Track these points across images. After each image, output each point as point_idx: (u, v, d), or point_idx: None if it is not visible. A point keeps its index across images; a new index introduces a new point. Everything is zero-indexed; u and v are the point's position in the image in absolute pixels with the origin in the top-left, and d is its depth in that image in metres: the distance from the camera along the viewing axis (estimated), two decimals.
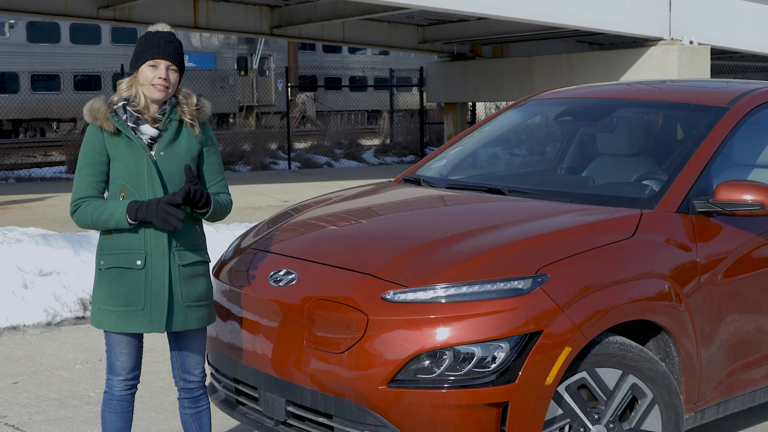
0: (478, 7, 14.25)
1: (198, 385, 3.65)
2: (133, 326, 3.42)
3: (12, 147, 22.24)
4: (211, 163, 3.55)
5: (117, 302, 3.40)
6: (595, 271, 3.53)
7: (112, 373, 3.55)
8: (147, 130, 3.40)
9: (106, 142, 3.39)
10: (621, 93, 5.22)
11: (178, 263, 3.43)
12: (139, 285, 3.39)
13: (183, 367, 3.62)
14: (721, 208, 3.91)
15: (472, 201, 4.43)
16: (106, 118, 3.38)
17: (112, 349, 3.51)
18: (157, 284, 3.40)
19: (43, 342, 6.43)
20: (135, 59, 3.42)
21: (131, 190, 3.38)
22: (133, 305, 3.39)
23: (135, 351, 3.53)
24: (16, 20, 29.84)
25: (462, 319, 3.29)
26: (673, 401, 3.65)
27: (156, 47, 3.37)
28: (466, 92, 21.55)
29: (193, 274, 3.47)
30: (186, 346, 3.58)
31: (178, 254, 3.43)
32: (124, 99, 3.42)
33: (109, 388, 3.57)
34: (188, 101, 3.48)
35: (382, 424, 3.31)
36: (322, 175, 18.99)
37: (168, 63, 3.38)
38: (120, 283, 3.40)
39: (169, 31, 3.45)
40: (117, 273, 3.40)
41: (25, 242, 7.63)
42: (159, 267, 3.40)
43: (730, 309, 3.96)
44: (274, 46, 36.57)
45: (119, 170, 3.39)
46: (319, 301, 3.53)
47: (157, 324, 3.41)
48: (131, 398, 3.58)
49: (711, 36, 16.26)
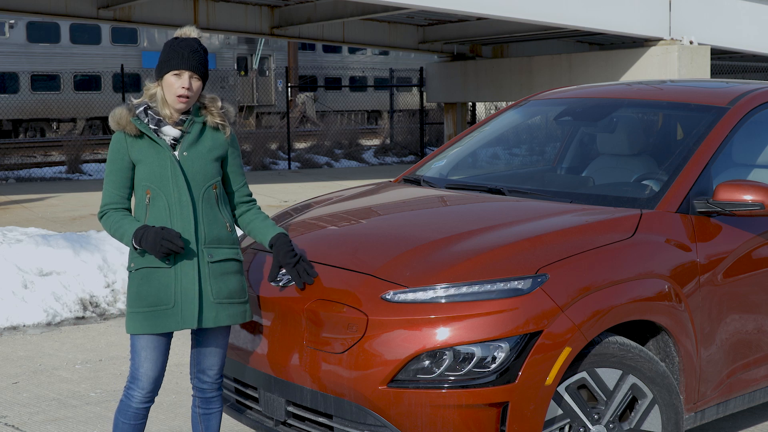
0: (478, 7, 14.25)
1: (211, 386, 3.64)
2: (163, 325, 3.40)
3: (12, 147, 22.25)
4: (236, 165, 3.62)
5: (145, 302, 3.39)
6: (595, 271, 3.53)
7: (134, 384, 3.49)
8: (169, 131, 3.44)
9: (129, 146, 3.43)
10: (621, 93, 5.21)
11: (207, 260, 3.44)
12: (168, 283, 3.39)
13: (199, 366, 3.62)
14: (721, 208, 3.91)
15: (472, 201, 4.43)
16: (129, 122, 3.41)
17: (137, 355, 3.47)
18: (187, 282, 3.40)
19: (43, 342, 6.43)
20: (160, 66, 3.44)
21: (156, 191, 3.41)
22: (163, 304, 3.39)
23: (160, 358, 3.48)
24: (16, 20, 29.86)
25: (462, 319, 3.29)
26: (673, 401, 3.65)
27: (180, 57, 3.40)
28: (466, 92, 21.56)
29: (223, 271, 3.48)
30: (206, 345, 3.58)
31: (207, 251, 3.44)
32: (145, 103, 3.46)
33: (127, 398, 3.51)
34: (214, 104, 3.55)
35: (382, 424, 3.32)
36: (322, 175, 19.00)
37: (191, 73, 3.42)
38: (149, 283, 3.40)
39: (195, 38, 3.48)
40: (146, 273, 3.40)
41: (25, 242, 7.63)
42: (188, 264, 3.40)
43: (730, 309, 3.96)
44: (274, 46, 36.58)
45: (144, 172, 3.43)
46: (319, 301, 3.53)
47: (189, 320, 3.40)
48: (147, 411, 3.55)
49: (711, 36, 16.26)
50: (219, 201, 3.51)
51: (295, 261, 3.59)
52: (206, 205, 3.46)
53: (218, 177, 3.52)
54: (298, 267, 3.60)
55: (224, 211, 3.53)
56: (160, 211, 3.42)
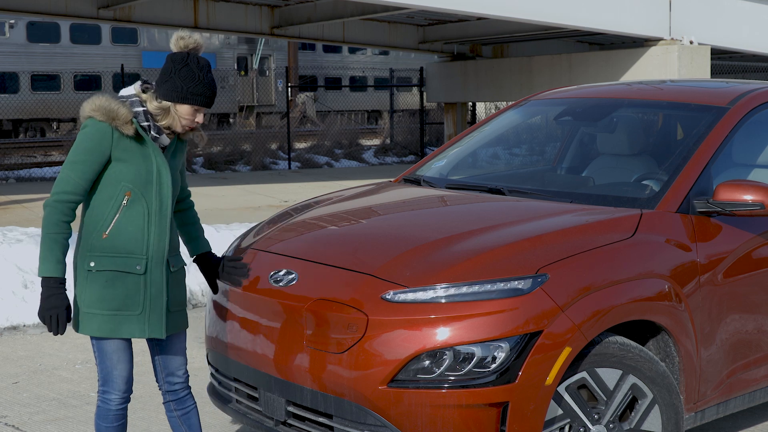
0: (478, 7, 14.25)
1: (183, 386, 3.65)
2: (128, 331, 3.38)
3: (12, 147, 22.26)
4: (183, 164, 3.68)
5: (108, 305, 3.34)
6: (595, 271, 3.53)
7: (108, 387, 3.45)
8: (164, 140, 3.45)
9: (115, 143, 3.32)
10: (621, 93, 5.21)
11: (171, 269, 3.48)
12: (137, 289, 3.37)
13: (167, 369, 3.61)
14: (721, 208, 3.91)
15: (472, 201, 4.43)
16: (128, 122, 3.32)
17: (107, 359, 3.42)
18: (155, 290, 3.40)
19: (43, 342, 6.43)
20: (183, 94, 3.35)
21: (138, 195, 3.37)
22: (129, 309, 3.36)
23: (130, 358, 3.48)
24: (16, 20, 29.86)
25: (462, 319, 3.29)
26: (673, 401, 3.65)
27: (204, 97, 3.39)
28: (466, 92, 21.55)
29: (178, 279, 3.54)
30: (171, 349, 3.59)
31: (170, 260, 3.48)
32: (138, 103, 3.39)
33: (104, 403, 3.48)
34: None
35: (382, 424, 3.32)
36: (322, 175, 19.00)
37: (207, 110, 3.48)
38: (114, 287, 3.34)
39: (208, 61, 3.46)
40: (112, 276, 3.34)
41: (25, 242, 7.63)
42: (157, 273, 3.40)
43: (730, 309, 3.96)
44: (274, 46, 36.58)
45: (126, 173, 3.35)
46: (320, 301, 3.53)
47: (156, 329, 3.41)
48: (126, 410, 3.54)
49: (711, 36, 16.26)
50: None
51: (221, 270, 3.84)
52: (172, 213, 3.49)
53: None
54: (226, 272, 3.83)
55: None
56: (136, 215, 3.36)
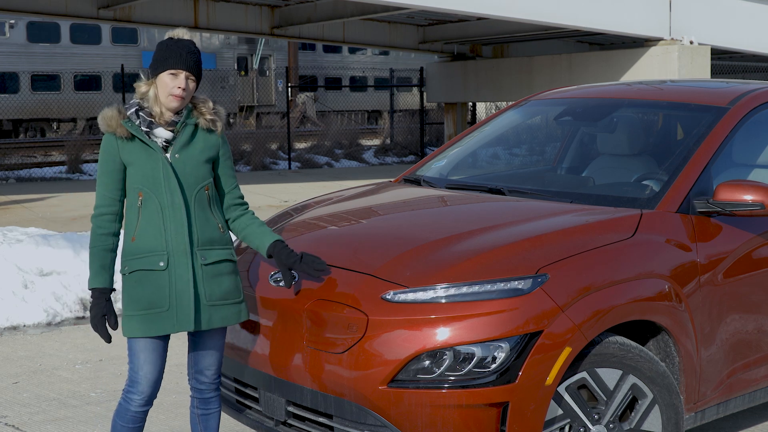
0: (478, 7, 14.25)
1: (209, 386, 3.65)
2: (158, 328, 3.40)
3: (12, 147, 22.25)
4: (227, 167, 3.60)
5: (139, 305, 3.39)
6: (595, 271, 3.53)
7: (133, 387, 3.49)
8: (161, 132, 3.43)
9: (120, 148, 3.41)
10: (621, 93, 5.21)
11: (200, 263, 3.44)
12: (162, 286, 3.39)
13: (197, 366, 3.62)
14: (721, 208, 3.91)
15: (473, 201, 4.43)
16: (119, 125, 3.40)
17: (136, 358, 3.46)
18: (181, 284, 3.40)
19: (43, 342, 6.44)
20: (156, 65, 3.42)
21: (148, 193, 3.40)
22: (157, 306, 3.39)
23: (159, 360, 3.48)
24: (16, 20, 29.85)
25: (462, 319, 3.29)
26: (673, 401, 3.65)
27: (178, 57, 3.40)
28: (466, 92, 21.56)
29: (217, 273, 3.48)
30: (203, 346, 3.58)
31: (200, 254, 3.44)
32: (136, 104, 3.45)
33: (126, 402, 3.50)
34: (206, 105, 3.55)
35: (382, 424, 3.32)
36: (322, 175, 19.00)
37: (188, 73, 3.42)
38: (143, 286, 3.40)
39: (190, 39, 3.48)
40: (139, 276, 3.41)
41: (25, 242, 7.64)
42: (182, 267, 3.40)
43: (731, 309, 3.96)
44: (275, 46, 36.57)
45: (135, 175, 3.42)
46: (320, 301, 3.53)
47: (184, 323, 3.41)
48: (145, 415, 3.54)
49: (711, 36, 16.26)
50: (211, 203, 3.52)
51: (299, 258, 3.57)
52: (198, 207, 3.46)
53: (210, 179, 3.52)
54: (305, 263, 3.57)
55: (216, 213, 3.54)
56: (152, 213, 3.41)
